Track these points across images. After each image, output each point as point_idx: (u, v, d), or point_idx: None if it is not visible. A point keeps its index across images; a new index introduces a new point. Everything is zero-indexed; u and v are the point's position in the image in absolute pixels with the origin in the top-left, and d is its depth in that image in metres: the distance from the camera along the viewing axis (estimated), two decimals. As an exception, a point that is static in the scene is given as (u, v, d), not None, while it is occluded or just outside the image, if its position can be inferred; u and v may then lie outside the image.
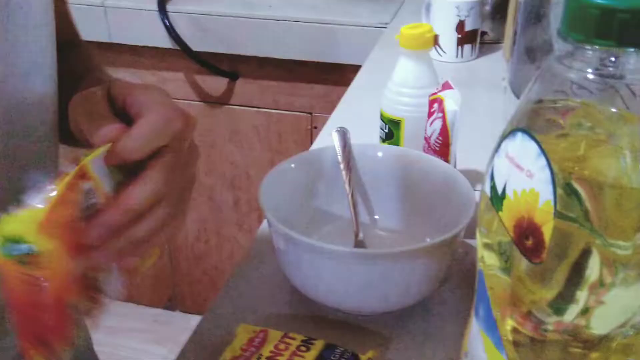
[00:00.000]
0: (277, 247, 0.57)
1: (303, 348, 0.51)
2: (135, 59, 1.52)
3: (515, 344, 0.40)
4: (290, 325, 0.57)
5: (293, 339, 0.52)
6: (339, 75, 1.39)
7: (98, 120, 0.43)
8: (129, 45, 1.48)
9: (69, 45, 0.63)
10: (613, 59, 0.34)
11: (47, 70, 0.52)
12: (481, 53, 1.18)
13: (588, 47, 0.35)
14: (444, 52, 1.15)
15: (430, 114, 0.68)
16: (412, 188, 0.65)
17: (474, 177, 0.63)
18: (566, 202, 0.35)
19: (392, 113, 0.74)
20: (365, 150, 0.67)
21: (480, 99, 0.99)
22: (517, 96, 0.84)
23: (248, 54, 1.41)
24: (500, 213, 0.38)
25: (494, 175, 0.39)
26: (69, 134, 0.51)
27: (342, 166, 0.65)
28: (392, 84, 0.74)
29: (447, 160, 0.67)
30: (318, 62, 1.38)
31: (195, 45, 1.42)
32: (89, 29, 1.47)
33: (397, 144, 0.74)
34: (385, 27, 1.32)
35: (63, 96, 0.54)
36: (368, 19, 1.35)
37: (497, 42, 1.21)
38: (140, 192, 0.41)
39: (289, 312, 0.59)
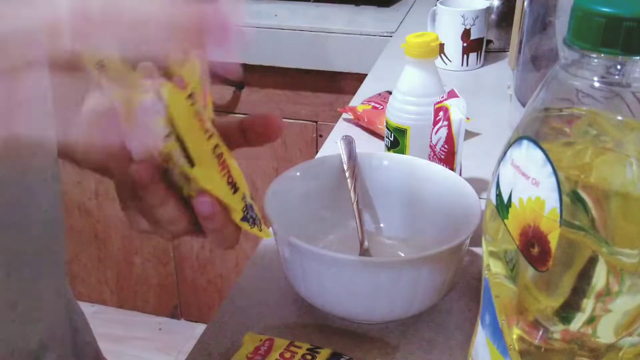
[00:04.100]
0: (283, 255, 0.57)
1: (309, 357, 0.51)
2: (142, 67, 1.52)
3: (522, 352, 0.40)
4: (295, 334, 0.57)
5: (299, 347, 0.52)
6: (344, 83, 1.40)
7: None
8: (135, 54, 1.49)
9: None
10: (619, 67, 0.35)
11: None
12: (486, 61, 1.18)
13: (594, 55, 0.35)
14: (450, 60, 1.16)
15: (435, 122, 0.68)
16: (417, 196, 0.65)
17: (479, 185, 0.62)
18: (572, 210, 0.35)
19: (398, 121, 0.74)
20: (370, 159, 0.67)
21: (486, 107, 0.99)
22: (523, 104, 0.84)
23: (254, 62, 1.42)
24: (506, 221, 0.38)
25: (500, 183, 0.39)
26: None
27: (347, 174, 0.65)
28: (398, 93, 0.74)
29: (452, 169, 0.67)
30: (324, 71, 1.39)
31: (201, 54, 1.43)
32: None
33: (402, 152, 0.74)
34: (390, 36, 1.33)
35: None
36: (373, 27, 1.35)
37: (502, 50, 1.21)
38: None
39: (295, 320, 0.59)
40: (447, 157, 0.67)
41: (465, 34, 1.13)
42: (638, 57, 0.34)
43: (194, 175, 0.37)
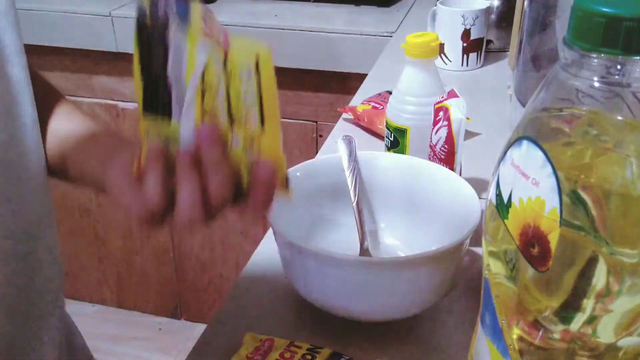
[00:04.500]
0: (283, 255, 0.57)
1: (309, 357, 0.51)
2: (142, 67, 1.52)
3: (522, 352, 0.40)
4: (295, 334, 0.57)
5: (299, 347, 0.52)
6: (344, 83, 1.40)
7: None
8: (135, 54, 1.49)
9: None
10: (619, 67, 0.35)
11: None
12: (486, 61, 1.18)
13: (594, 55, 0.35)
14: (450, 60, 1.16)
15: (435, 122, 0.68)
16: (417, 196, 0.65)
17: (479, 185, 0.62)
18: (572, 210, 0.35)
19: (398, 121, 0.74)
20: (370, 159, 0.67)
21: (486, 107, 0.99)
22: (523, 104, 0.84)
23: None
24: (505, 221, 0.38)
25: (500, 183, 0.39)
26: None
27: (347, 174, 0.65)
28: (398, 93, 0.74)
29: (452, 169, 0.67)
30: (324, 71, 1.39)
31: (201, 54, 1.43)
32: (96, 39, 1.48)
33: (402, 152, 0.74)
34: (390, 36, 1.33)
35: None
36: (374, 27, 1.35)
37: (502, 50, 1.21)
38: None
39: (295, 320, 0.59)
40: (447, 157, 0.67)
41: (465, 34, 1.13)
42: (638, 57, 0.34)
43: (262, 135, 0.41)
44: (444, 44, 1.14)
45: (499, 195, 0.39)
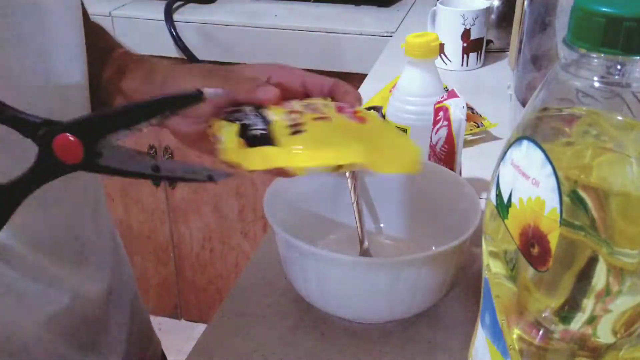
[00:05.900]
0: (283, 255, 0.57)
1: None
2: (142, 67, 1.52)
3: (522, 352, 0.40)
4: (296, 334, 0.57)
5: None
6: (344, 83, 1.39)
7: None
8: (135, 54, 1.49)
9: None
10: (619, 67, 0.35)
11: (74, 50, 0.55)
12: (486, 61, 1.19)
13: (594, 55, 0.35)
14: (450, 60, 1.16)
15: (435, 122, 0.68)
16: (417, 196, 0.65)
17: (479, 185, 0.62)
18: (572, 210, 0.35)
19: (398, 121, 0.74)
20: (370, 159, 0.67)
21: (486, 107, 0.99)
22: (523, 104, 0.84)
23: (254, 62, 1.42)
24: (505, 221, 0.38)
25: (500, 183, 0.39)
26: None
27: (347, 174, 0.65)
28: (398, 93, 0.74)
29: (452, 169, 0.67)
30: (323, 71, 1.38)
31: (202, 55, 1.43)
32: (96, 38, 1.48)
33: (402, 152, 0.74)
34: (390, 36, 1.33)
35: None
36: (374, 27, 1.35)
37: (502, 50, 1.21)
38: None
39: (295, 320, 0.59)
40: (447, 156, 0.67)
41: (465, 34, 1.13)
42: (638, 57, 0.34)
43: None
44: (444, 44, 1.14)
45: (499, 195, 0.39)
